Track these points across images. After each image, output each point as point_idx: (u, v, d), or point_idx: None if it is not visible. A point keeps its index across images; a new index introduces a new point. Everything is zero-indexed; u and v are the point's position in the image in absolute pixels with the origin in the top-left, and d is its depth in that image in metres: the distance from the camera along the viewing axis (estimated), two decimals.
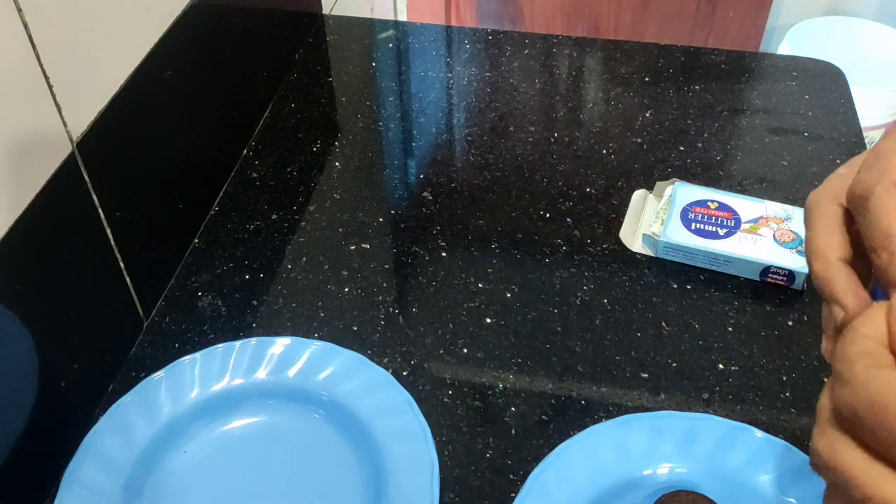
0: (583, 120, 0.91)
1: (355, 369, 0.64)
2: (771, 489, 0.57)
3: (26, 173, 0.54)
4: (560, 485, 0.57)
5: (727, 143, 0.87)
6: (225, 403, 0.63)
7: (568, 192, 0.82)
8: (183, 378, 0.63)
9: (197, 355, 0.65)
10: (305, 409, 0.63)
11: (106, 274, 0.64)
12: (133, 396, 0.62)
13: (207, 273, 0.75)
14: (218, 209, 0.81)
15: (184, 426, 0.61)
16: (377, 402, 0.62)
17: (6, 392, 0.53)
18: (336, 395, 0.63)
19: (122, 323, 0.67)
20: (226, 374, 0.64)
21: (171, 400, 0.62)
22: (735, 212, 0.75)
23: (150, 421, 0.61)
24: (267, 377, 0.64)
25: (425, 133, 0.90)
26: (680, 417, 0.61)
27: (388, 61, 1.00)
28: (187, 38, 0.72)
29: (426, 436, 0.60)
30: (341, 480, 0.59)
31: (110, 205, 0.63)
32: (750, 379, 0.65)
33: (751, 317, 0.70)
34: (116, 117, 0.62)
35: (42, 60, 0.54)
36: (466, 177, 0.84)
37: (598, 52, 1.01)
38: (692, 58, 0.99)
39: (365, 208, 0.81)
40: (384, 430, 0.60)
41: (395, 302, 0.72)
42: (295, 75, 0.97)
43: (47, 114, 0.55)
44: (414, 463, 0.58)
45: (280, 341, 0.66)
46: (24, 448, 0.56)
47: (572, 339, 0.69)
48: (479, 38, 1.04)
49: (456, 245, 0.77)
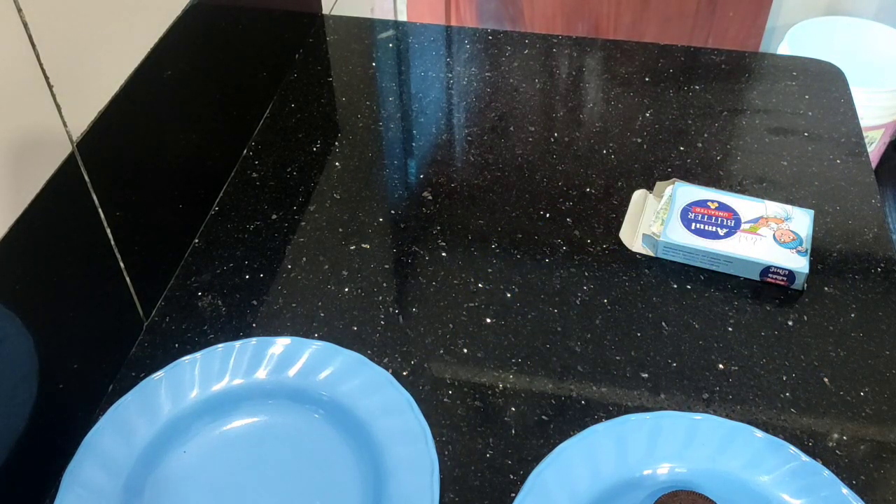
0: (583, 120, 0.91)
1: (355, 369, 0.64)
2: (771, 489, 0.57)
3: (26, 173, 0.54)
4: (560, 485, 0.57)
5: (727, 143, 0.87)
6: (225, 403, 0.63)
7: (568, 192, 0.82)
8: (183, 378, 0.64)
9: (197, 355, 0.65)
10: (305, 409, 0.63)
11: (106, 274, 0.64)
12: (133, 396, 0.62)
13: (207, 273, 0.75)
14: (218, 209, 0.81)
15: (184, 426, 0.62)
16: (377, 402, 0.62)
17: (6, 392, 0.53)
18: (336, 395, 0.63)
19: (122, 323, 0.67)
20: (226, 374, 0.64)
21: (172, 400, 0.62)
22: (735, 212, 0.75)
23: (150, 421, 0.61)
24: (267, 377, 0.64)
25: (425, 133, 0.90)
26: (680, 417, 0.61)
27: (388, 61, 1.00)
28: (187, 38, 0.72)
29: (426, 436, 0.60)
30: (341, 480, 0.59)
31: (110, 205, 0.63)
32: (750, 379, 0.65)
33: (751, 317, 0.70)
34: (116, 117, 0.62)
35: (42, 60, 0.54)
36: (466, 177, 0.84)
37: (598, 52, 1.01)
38: (692, 58, 0.99)
39: (365, 208, 0.81)
40: (384, 430, 0.60)
41: (395, 302, 0.72)
42: (295, 75, 0.97)
43: (47, 114, 0.55)
44: (414, 463, 0.58)
45: (280, 341, 0.66)
46: (25, 448, 0.56)
47: (572, 339, 0.69)
48: (479, 38, 1.04)
49: (456, 245, 0.77)
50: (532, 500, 0.56)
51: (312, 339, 0.67)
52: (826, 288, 0.72)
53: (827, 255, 0.75)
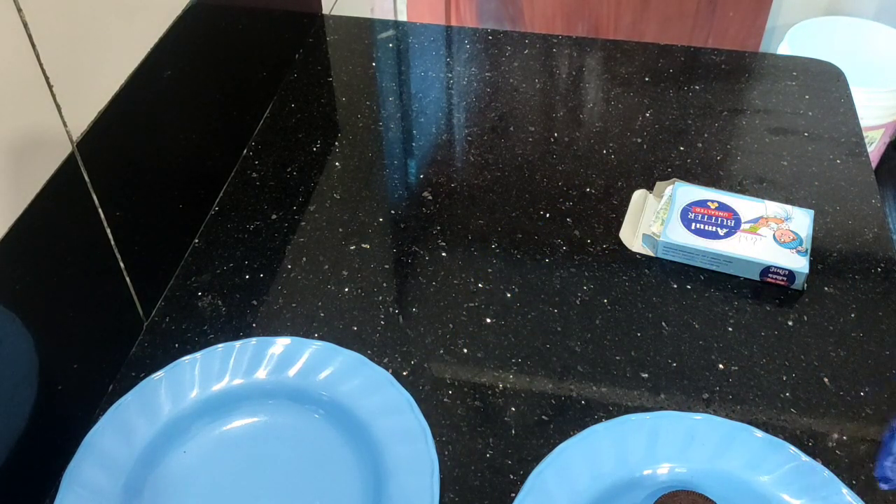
0: (583, 120, 0.91)
1: (355, 369, 0.64)
2: (771, 489, 0.57)
3: (26, 173, 0.54)
4: (560, 485, 0.57)
5: (727, 143, 0.87)
6: (225, 403, 0.63)
7: (568, 192, 0.82)
8: (183, 378, 0.64)
9: (197, 355, 0.65)
10: (305, 409, 0.63)
11: (106, 274, 0.64)
12: (133, 396, 0.62)
13: (207, 273, 0.75)
14: (218, 209, 0.81)
15: (184, 426, 0.62)
16: (377, 403, 0.62)
17: (7, 392, 0.53)
18: (336, 395, 0.63)
19: (122, 323, 0.67)
20: (226, 374, 0.64)
21: (172, 400, 0.62)
22: (735, 212, 0.75)
23: (150, 421, 0.61)
24: (267, 377, 0.64)
25: (425, 133, 0.90)
26: (680, 417, 0.61)
27: (388, 61, 1.00)
28: (187, 38, 0.72)
29: (426, 436, 0.60)
30: (341, 480, 0.59)
31: (110, 205, 0.63)
32: (750, 379, 0.65)
33: (751, 317, 0.70)
34: (116, 117, 0.62)
35: (42, 60, 0.54)
36: (466, 177, 0.84)
37: (598, 52, 1.01)
38: (692, 58, 0.99)
39: (365, 208, 0.81)
40: (384, 430, 0.60)
41: (395, 302, 0.72)
42: (295, 75, 0.97)
43: (47, 114, 0.55)
44: (414, 463, 0.58)
45: (280, 341, 0.66)
46: (25, 447, 0.56)
47: (572, 339, 0.69)
48: (479, 38, 1.04)
49: (456, 245, 0.77)
50: (532, 500, 0.56)
51: (312, 339, 0.67)
52: (826, 288, 0.72)
53: (827, 255, 0.75)
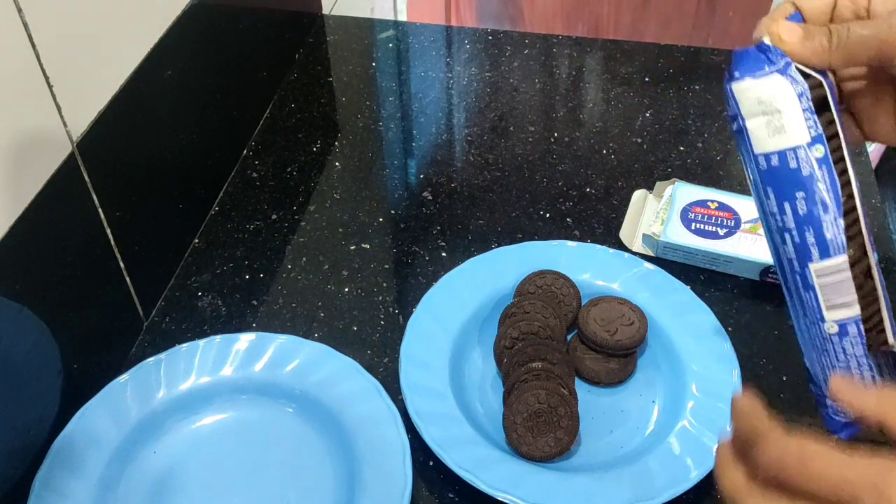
0: (583, 120, 0.91)
1: (321, 360, 0.64)
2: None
3: (26, 173, 0.54)
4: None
5: (727, 143, 0.87)
6: (194, 402, 0.63)
7: (568, 192, 0.82)
8: (148, 379, 0.63)
9: (161, 356, 0.64)
10: (276, 403, 0.63)
11: (106, 274, 0.64)
12: (99, 401, 0.61)
13: (207, 273, 0.75)
14: (218, 209, 0.81)
15: (153, 426, 0.61)
16: (346, 391, 0.62)
17: (6, 392, 0.53)
18: (305, 386, 0.63)
19: (121, 323, 0.67)
20: (192, 373, 0.63)
21: (138, 402, 0.61)
22: (735, 212, 0.75)
23: (117, 423, 0.60)
24: (234, 373, 0.64)
25: (425, 133, 0.90)
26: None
27: (388, 61, 1.00)
28: (187, 38, 0.72)
29: (396, 420, 0.60)
30: (315, 469, 0.59)
31: (110, 205, 0.63)
32: (750, 379, 0.65)
33: (751, 317, 0.70)
34: (116, 117, 0.62)
35: (42, 60, 0.54)
36: (466, 177, 0.84)
37: (598, 52, 1.01)
38: (692, 58, 0.99)
39: (365, 208, 0.81)
40: (355, 417, 0.61)
41: (395, 302, 0.72)
42: (295, 75, 0.97)
43: (47, 114, 0.55)
44: (385, 445, 0.58)
45: (244, 337, 0.65)
46: (25, 447, 0.56)
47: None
48: (479, 38, 1.04)
49: (456, 245, 0.77)
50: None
51: (277, 334, 0.66)
52: None
53: None
